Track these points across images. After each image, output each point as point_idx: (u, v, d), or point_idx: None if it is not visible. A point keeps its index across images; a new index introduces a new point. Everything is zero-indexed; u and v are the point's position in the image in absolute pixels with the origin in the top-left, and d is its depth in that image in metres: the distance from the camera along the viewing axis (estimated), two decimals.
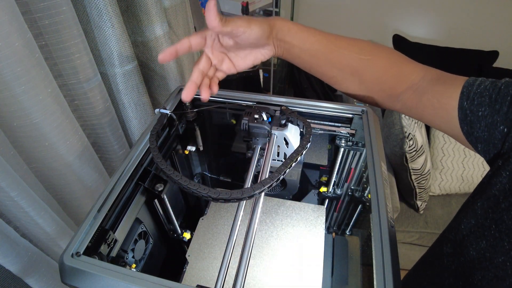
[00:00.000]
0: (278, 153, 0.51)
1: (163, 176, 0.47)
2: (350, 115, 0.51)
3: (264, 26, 0.42)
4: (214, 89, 0.45)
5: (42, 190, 0.53)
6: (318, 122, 0.54)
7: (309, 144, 0.44)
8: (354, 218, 0.59)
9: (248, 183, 0.44)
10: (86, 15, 0.56)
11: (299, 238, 0.53)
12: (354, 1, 1.68)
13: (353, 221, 0.60)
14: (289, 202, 0.58)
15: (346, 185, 0.62)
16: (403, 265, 1.53)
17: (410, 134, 1.13)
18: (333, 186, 0.63)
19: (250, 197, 0.36)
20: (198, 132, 0.58)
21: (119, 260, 0.42)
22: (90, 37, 0.58)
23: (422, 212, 1.32)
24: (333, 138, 0.56)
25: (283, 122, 0.49)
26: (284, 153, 0.51)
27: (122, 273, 0.31)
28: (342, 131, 0.54)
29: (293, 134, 0.49)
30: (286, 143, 0.49)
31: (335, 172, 0.60)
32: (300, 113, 0.51)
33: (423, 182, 1.22)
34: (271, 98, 0.53)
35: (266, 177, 0.38)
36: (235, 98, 0.54)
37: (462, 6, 1.53)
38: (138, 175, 0.44)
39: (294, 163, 0.41)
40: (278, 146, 0.50)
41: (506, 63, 1.51)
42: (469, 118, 0.36)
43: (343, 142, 0.55)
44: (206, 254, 0.51)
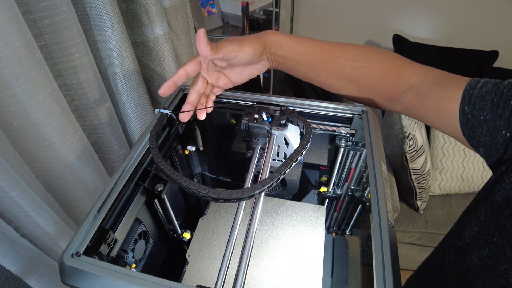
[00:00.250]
0: (278, 153, 0.51)
1: (163, 176, 0.47)
2: (350, 115, 0.51)
3: (255, 46, 0.43)
4: (209, 104, 0.47)
5: (42, 190, 0.53)
6: (318, 122, 0.54)
7: (309, 144, 0.44)
8: (354, 218, 0.59)
9: (248, 183, 0.44)
10: (86, 15, 0.56)
11: (299, 238, 0.53)
12: (354, 1, 1.68)
13: (353, 221, 0.60)
14: (289, 202, 0.58)
15: (346, 185, 0.62)
16: (403, 265, 1.54)
17: (410, 134, 1.13)
18: (333, 186, 0.63)
19: (250, 197, 0.36)
20: (198, 132, 0.58)
21: (119, 260, 0.42)
22: (90, 37, 0.58)
23: (422, 212, 1.32)
24: (333, 138, 0.56)
25: (283, 122, 0.49)
26: (284, 153, 0.51)
27: (122, 273, 0.31)
28: (342, 131, 0.54)
29: (293, 134, 0.49)
30: (286, 143, 0.49)
31: (335, 172, 0.60)
32: (300, 113, 0.51)
33: (423, 182, 1.22)
34: (271, 98, 0.53)
35: (266, 177, 0.38)
36: (235, 98, 0.54)
37: (462, 6, 1.53)
38: (138, 175, 0.44)
39: (294, 163, 0.41)
40: (278, 146, 0.50)
41: (506, 63, 1.51)
42: (470, 122, 0.35)
43: (343, 142, 0.54)
44: (206, 254, 0.51)
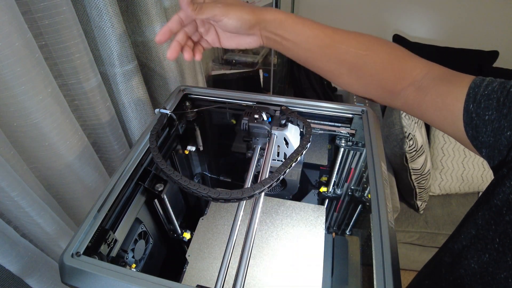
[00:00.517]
0: (278, 153, 0.51)
1: (163, 176, 0.47)
2: (350, 115, 0.51)
3: (245, 17, 0.41)
4: (197, 56, 0.46)
5: (42, 190, 0.53)
6: (318, 122, 0.53)
7: (309, 144, 0.44)
8: (354, 218, 0.59)
9: (248, 183, 0.44)
10: (86, 15, 0.56)
11: (299, 238, 0.53)
12: (354, 1, 1.68)
13: (353, 221, 0.60)
14: (289, 202, 0.58)
15: (346, 185, 0.62)
16: (403, 265, 1.54)
17: (410, 134, 1.13)
18: (333, 186, 0.63)
19: (250, 197, 0.36)
20: (198, 132, 0.58)
21: (119, 260, 0.42)
22: (90, 37, 0.58)
23: (422, 212, 1.32)
24: (333, 138, 0.56)
25: (283, 122, 0.49)
26: (284, 153, 0.51)
27: (122, 273, 0.31)
28: (342, 131, 0.54)
29: (293, 134, 0.49)
30: (286, 143, 0.49)
31: (335, 172, 0.60)
32: (300, 113, 0.51)
33: (423, 182, 1.22)
34: (271, 98, 0.53)
35: (266, 177, 0.38)
36: (235, 98, 0.54)
37: (462, 6, 1.53)
38: (138, 175, 0.44)
39: (294, 163, 0.41)
40: (278, 146, 0.50)
41: (506, 63, 1.51)
42: (474, 121, 0.34)
43: (343, 142, 0.54)
44: (206, 254, 0.51)
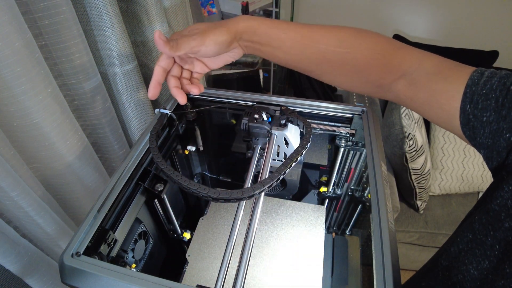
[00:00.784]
0: (278, 153, 0.51)
1: (163, 176, 0.47)
2: (350, 115, 0.51)
3: (220, 40, 0.41)
4: (195, 90, 0.47)
5: (42, 190, 0.53)
6: (318, 122, 0.53)
7: (309, 144, 0.44)
8: (354, 218, 0.59)
9: (248, 183, 0.44)
10: (86, 15, 0.56)
11: (299, 238, 0.53)
12: (354, 1, 1.68)
13: (353, 221, 0.60)
14: (289, 202, 0.58)
15: (346, 185, 0.62)
16: (403, 265, 1.54)
17: (410, 134, 1.13)
18: (333, 186, 0.63)
19: (250, 197, 0.36)
20: (198, 132, 0.58)
21: (119, 260, 0.42)
22: (90, 37, 0.58)
23: (422, 212, 1.32)
24: (333, 138, 0.56)
25: (283, 122, 0.49)
26: (284, 153, 0.51)
27: (122, 273, 0.31)
28: (342, 131, 0.54)
29: (293, 134, 0.49)
30: (286, 143, 0.49)
31: (335, 172, 0.60)
32: (300, 113, 0.51)
33: (423, 182, 1.22)
34: (271, 98, 0.53)
35: (266, 177, 0.38)
36: (235, 98, 0.54)
37: (462, 6, 1.53)
38: (138, 175, 0.44)
39: (294, 163, 0.41)
40: (278, 146, 0.50)
41: (506, 63, 1.51)
42: (472, 123, 0.32)
43: (343, 142, 0.54)
44: (206, 254, 0.51)
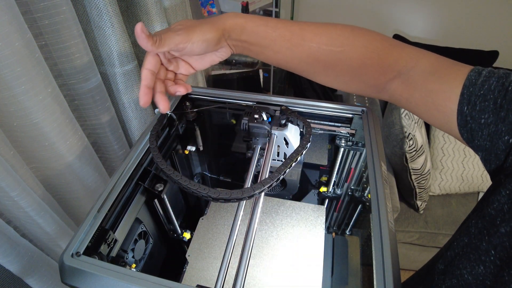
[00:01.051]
0: (278, 153, 0.51)
1: (163, 176, 0.47)
2: (350, 115, 0.51)
3: (207, 37, 0.38)
4: (182, 90, 0.43)
5: (42, 190, 0.53)
6: (318, 122, 0.53)
7: (309, 144, 0.44)
8: (354, 218, 0.59)
9: (248, 183, 0.44)
10: (86, 15, 0.56)
11: (299, 238, 0.53)
12: (354, 1, 1.68)
13: (353, 221, 0.60)
14: (289, 202, 0.58)
15: (346, 185, 0.62)
16: (403, 265, 1.54)
17: (410, 134, 1.13)
18: (333, 186, 0.63)
19: (250, 197, 0.36)
20: (198, 132, 0.58)
21: (119, 260, 0.42)
22: (90, 37, 0.58)
23: (422, 212, 1.32)
24: (333, 138, 0.56)
25: (283, 122, 0.49)
26: (284, 153, 0.51)
27: (122, 273, 0.31)
28: (342, 131, 0.54)
29: (293, 134, 0.49)
30: (286, 143, 0.49)
31: (335, 172, 0.60)
32: (300, 113, 0.51)
33: (423, 182, 1.22)
34: (271, 98, 0.53)
35: (266, 177, 0.38)
36: (235, 98, 0.54)
37: (462, 6, 1.53)
38: (138, 175, 0.44)
39: (294, 163, 0.41)
40: (278, 146, 0.50)
41: (506, 63, 1.51)
42: (469, 125, 0.31)
43: (343, 142, 0.54)
44: (206, 254, 0.51)
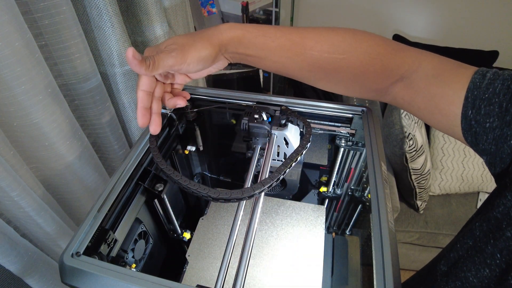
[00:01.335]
0: (278, 153, 0.51)
1: (163, 176, 0.47)
2: (350, 115, 0.51)
3: (203, 55, 0.37)
4: (186, 95, 0.44)
5: (42, 190, 0.53)
6: (318, 122, 0.53)
7: (309, 144, 0.44)
8: (354, 218, 0.59)
9: (248, 183, 0.44)
10: (86, 15, 0.56)
11: (299, 238, 0.53)
12: (354, 1, 1.68)
13: (353, 221, 0.60)
14: (289, 202, 0.58)
15: (346, 185, 0.62)
16: (403, 265, 1.54)
17: (410, 134, 1.13)
18: (333, 186, 0.63)
19: (250, 197, 0.36)
20: (198, 132, 0.58)
21: (119, 260, 0.42)
22: (90, 37, 0.58)
23: (422, 212, 1.32)
24: (333, 138, 0.56)
25: (283, 122, 0.49)
26: (284, 153, 0.51)
27: (122, 273, 0.31)
28: (342, 131, 0.54)
29: (293, 134, 0.49)
30: (286, 143, 0.49)
31: (335, 172, 0.60)
32: (300, 113, 0.51)
33: (423, 182, 1.22)
34: (271, 98, 0.53)
35: (266, 177, 0.38)
36: (235, 98, 0.54)
37: (462, 6, 1.53)
38: (138, 175, 0.44)
39: (294, 163, 0.41)
40: (278, 146, 0.50)
41: (506, 63, 1.51)
42: (474, 129, 0.31)
43: (343, 142, 0.54)
44: (206, 254, 0.51)
